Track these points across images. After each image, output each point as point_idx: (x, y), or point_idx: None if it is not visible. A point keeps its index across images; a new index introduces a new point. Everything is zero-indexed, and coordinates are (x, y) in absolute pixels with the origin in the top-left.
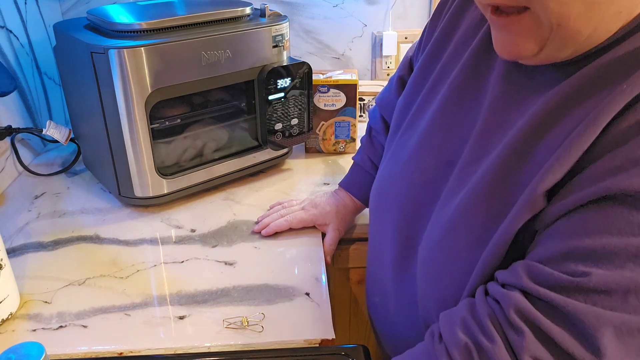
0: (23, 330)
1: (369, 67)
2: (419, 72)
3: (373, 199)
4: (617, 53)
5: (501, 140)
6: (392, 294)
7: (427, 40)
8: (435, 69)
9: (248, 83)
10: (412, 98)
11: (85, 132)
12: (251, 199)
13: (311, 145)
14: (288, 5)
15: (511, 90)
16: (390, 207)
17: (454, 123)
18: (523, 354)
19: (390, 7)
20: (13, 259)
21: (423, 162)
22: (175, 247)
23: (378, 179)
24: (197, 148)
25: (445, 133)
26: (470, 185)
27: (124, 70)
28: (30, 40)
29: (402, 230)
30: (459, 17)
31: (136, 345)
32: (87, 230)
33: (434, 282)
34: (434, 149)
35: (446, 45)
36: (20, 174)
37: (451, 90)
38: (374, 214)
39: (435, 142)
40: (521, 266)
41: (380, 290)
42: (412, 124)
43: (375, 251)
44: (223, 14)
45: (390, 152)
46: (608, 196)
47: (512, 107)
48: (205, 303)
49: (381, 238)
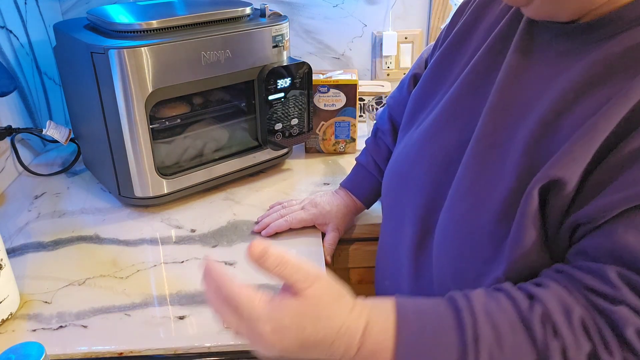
0: (23, 330)
1: (369, 67)
2: (435, 65)
3: (389, 186)
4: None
5: (521, 114)
6: (406, 276)
7: (445, 38)
8: (456, 60)
9: (248, 83)
10: (429, 90)
11: (85, 132)
12: (251, 199)
13: (311, 145)
14: (288, 5)
15: (524, 64)
16: (410, 190)
17: (471, 103)
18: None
19: (390, 7)
20: (13, 259)
21: (443, 142)
22: (175, 247)
23: (393, 165)
24: (197, 148)
25: (464, 113)
26: (495, 161)
27: (124, 70)
28: (30, 40)
29: (422, 210)
30: (481, 14)
31: (136, 345)
32: (87, 230)
33: (452, 257)
34: (453, 129)
35: (468, 39)
36: (20, 174)
37: (471, 73)
38: (391, 199)
39: (454, 122)
40: (613, 274)
41: (393, 273)
42: (433, 110)
43: (389, 236)
44: (223, 14)
45: (405, 139)
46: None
47: (526, 80)
48: (205, 303)
49: (398, 222)
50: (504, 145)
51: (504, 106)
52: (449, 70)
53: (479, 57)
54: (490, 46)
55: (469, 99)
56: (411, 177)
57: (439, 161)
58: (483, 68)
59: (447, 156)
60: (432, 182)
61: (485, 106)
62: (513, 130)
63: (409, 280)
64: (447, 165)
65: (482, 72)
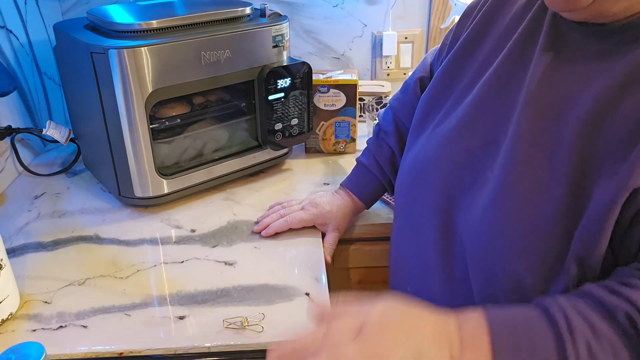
0: (23, 330)
1: (369, 67)
2: (448, 67)
3: (405, 187)
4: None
5: (562, 111)
6: (435, 278)
7: (453, 41)
8: (470, 62)
9: (248, 83)
10: (442, 91)
11: (85, 132)
12: (251, 199)
13: (311, 145)
14: (288, 5)
15: (557, 62)
16: (429, 191)
17: (494, 107)
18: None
19: (390, 7)
20: (13, 259)
21: (466, 145)
22: (175, 247)
23: (410, 167)
24: (197, 148)
25: (488, 116)
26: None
27: (124, 70)
28: (30, 40)
29: (443, 212)
30: (494, 15)
31: (136, 345)
32: (87, 230)
33: (497, 258)
34: (476, 132)
35: (482, 40)
36: (20, 174)
37: (494, 77)
38: (407, 201)
39: (477, 125)
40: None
41: (416, 277)
42: (450, 113)
43: (407, 238)
44: (223, 14)
45: (422, 140)
46: None
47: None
48: (205, 303)
49: (417, 223)
50: (547, 144)
51: (540, 105)
52: (460, 74)
53: (501, 61)
54: (512, 49)
55: (492, 102)
56: (431, 180)
57: (462, 164)
58: (505, 71)
59: (469, 158)
60: (452, 185)
61: (519, 106)
62: (556, 129)
63: (441, 283)
64: (470, 167)
65: (505, 75)
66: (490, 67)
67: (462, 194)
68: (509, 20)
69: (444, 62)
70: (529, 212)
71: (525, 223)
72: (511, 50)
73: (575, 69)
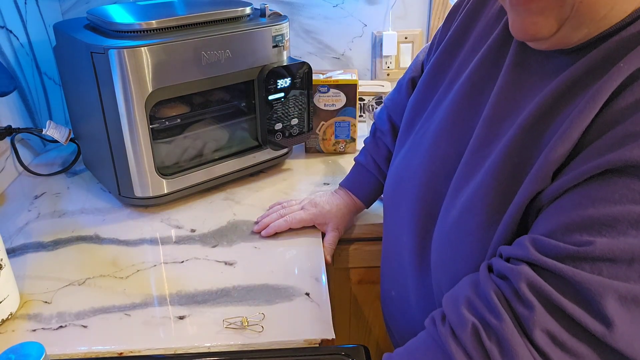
0: (23, 330)
1: (369, 67)
2: (432, 70)
3: (390, 193)
4: (622, 36)
5: (512, 125)
6: (412, 286)
7: (439, 41)
8: (451, 65)
9: (248, 83)
10: (426, 95)
11: (85, 132)
12: (251, 199)
13: (311, 145)
14: (288, 5)
15: (521, 78)
16: (409, 199)
17: (467, 115)
18: (534, 328)
19: (390, 7)
20: (13, 259)
21: (442, 153)
22: (175, 247)
23: (394, 173)
24: (197, 148)
25: (461, 124)
26: (484, 168)
27: (124, 70)
28: (30, 40)
29: (420, 220)
30: (475, 16)
31: (136, 345)
32: (87, 230)
33: (447, 267)
34: (451, 140)
35: (462, 42)
36: (20, 174)
37: (467, 83)
38: (391, 207)
39: (452, 133)
40: (527, 240)
41: (399, 283)
42: (430, 118)
43: (392, 244)
44: (223, 14)
45: (406, 146)
46: (610, 169)
47: (521, 93)
48: (205, 303)
49: (399, 230)
50: (489, 152)
51: (498, 119)
52: (442, 76)
53: (474, 68)
54: (485, 57)
55: (464, 111)
56: (410, 187)
57: (437, 172)
58: (478, 79)
59: (444, 167)
60: (429, 193)
61: (480, 120)
62: (499, 139)
63: (414, 291)
64: (444, 177)
65: (478, 84)
66: (467, 70)
67: (437, 207)
68: (486, 22)
69: (429, 65)
70: (463, 223)
71: (461, 233)
72: (484, 56)
73: (537, 83)
